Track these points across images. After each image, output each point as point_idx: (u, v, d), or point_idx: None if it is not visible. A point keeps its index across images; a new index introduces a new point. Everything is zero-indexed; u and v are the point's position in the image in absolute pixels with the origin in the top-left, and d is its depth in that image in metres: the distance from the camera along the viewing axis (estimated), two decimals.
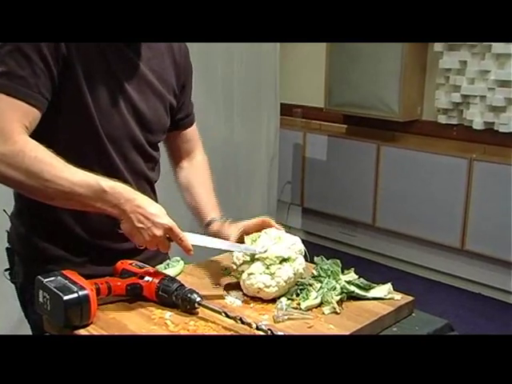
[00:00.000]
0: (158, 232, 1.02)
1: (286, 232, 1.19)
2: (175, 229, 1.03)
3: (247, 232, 1.16)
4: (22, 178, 0.95)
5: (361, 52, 3.35)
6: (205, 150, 1.42)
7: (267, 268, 1.09)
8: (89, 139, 1.10)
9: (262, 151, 3.31)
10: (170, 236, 1.04)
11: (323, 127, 3.90)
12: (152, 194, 1.26)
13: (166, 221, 1.02)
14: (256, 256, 1.10)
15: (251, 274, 1.09)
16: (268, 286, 1.08)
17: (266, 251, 1.10)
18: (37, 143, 0.98)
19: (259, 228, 1.17)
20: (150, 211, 1.01)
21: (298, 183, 3.94)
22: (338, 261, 1.18)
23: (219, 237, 1.18)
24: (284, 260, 1.11)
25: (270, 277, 1.08)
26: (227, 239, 1.16)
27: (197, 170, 1.36)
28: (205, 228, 1.25)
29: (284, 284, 1.09)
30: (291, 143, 3.92)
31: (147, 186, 1.24)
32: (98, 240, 1.18)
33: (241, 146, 3.09)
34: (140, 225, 1.01)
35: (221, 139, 2.93)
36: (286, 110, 3.77)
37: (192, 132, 1.37)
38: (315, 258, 1.21)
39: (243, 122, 3.10)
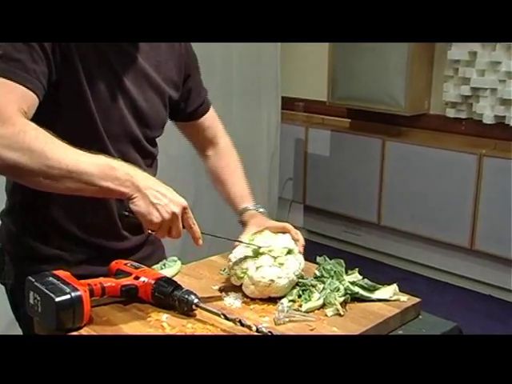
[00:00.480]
0: (176, 209, 0.99)
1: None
2: (189, 209, 1.02)
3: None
4: (23, 160, 0.91)
5: (366, 43, 3.35)
6: None
7: (275, 260, 1.11)
8: (88, 136, 1.09)
9: (262, 147, 3.31)
10: (182, 218, 1.01)
11: (326, 121, 3.90)
12: None
13: (181, 199, 1.01)
14: (261, 250, 1.12)
15: (260, 266, 1.10)
16: (280, 277, 1.09)
17: (269, 246, 1.12)
18: (36, 126, 0.95)
19: (279, 231, 1.20)
20: (164, 188, 1.01)
21: (300, 180, 3.95)
22: (342, 261, 1.19)
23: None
24: (289, 252, 1.13)
25: (280, 269, 1.10)
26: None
27: (223, 158, 1.38)
28: (239, 217, 1.29)
29: (293, 276, 1.11)
30: (293, 138, 3.92)
31: None
32: (93, 238, 1.18)
33: (240, 141, 3.07)
34: (157, 201, 0.98)
35: None
36: (288, 103, 3.77)
37: (210, 118, 1.38)
38: (318, 258, 1.21)
39: (242, 116, 3.09)
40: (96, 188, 0.97)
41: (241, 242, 1.16)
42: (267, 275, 1.09)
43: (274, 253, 1.11)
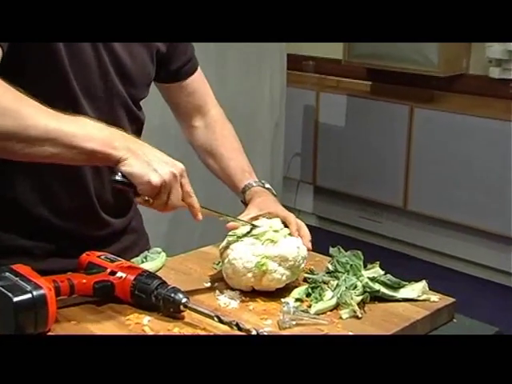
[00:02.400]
0: (176, 169, 1.01)
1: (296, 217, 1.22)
2: (186, 174, 1.04)
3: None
4: None
5: None
6: None
7: (271, 242, 1.12)
8: (59, 96, 1.09)
9: (263, 115, 3.30)
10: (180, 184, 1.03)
11: (342, 84, 3.89)
12: None
13: (179, 162, 1.03)
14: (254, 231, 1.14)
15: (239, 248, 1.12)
16: (267, 257, 1.11)
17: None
18: (3, 81, 0.96)
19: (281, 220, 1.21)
20: (156, 150, 1.02)
21: (310, 156, 3.95)
22: (360, 252, 1.19)
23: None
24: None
25: (267, 247, 1.12)
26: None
27: (216, 128, 1.38)
28: (242, 197, 1.30)
29: (291, 260, 1.12)
30: (301, 105, 3.91)
31: None
32: (66, 223, 1.18)
33: (236, 109, 3.08)
34: (153, 160, 1.00)
35: None
36: (295, 62, 3.75)
37: (197, 81, 1.38)
38: (330, 250, 1.21)
39: (240, 78, 3.08)
40: (78, 151, 0.97)
41: (239, 219, 1.18)
42: (246, 255, 1.10)
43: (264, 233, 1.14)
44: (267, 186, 1.31)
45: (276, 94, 3.36)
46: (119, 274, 1.07)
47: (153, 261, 1.24)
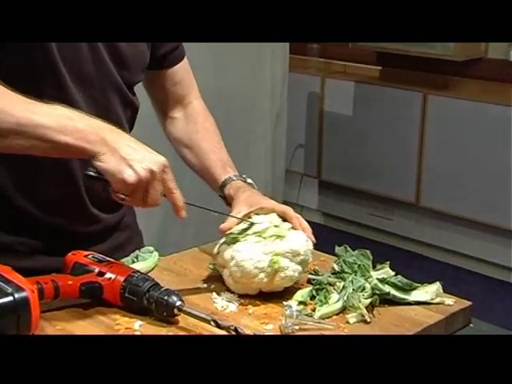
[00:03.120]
0: (154, 165, 1.02)
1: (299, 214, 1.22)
2: (169, 169, 1.04)
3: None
4: None
5: None
6: None
7: (278, 237, 1.13)
8: (45, 76, 1.10)
9: (263, 104, 3.30)
10: (161, 180, 1.04)
11: (349, 70, 3.88)
12: None
13: (160, 156, 1.04)
14: (253, 229, 1.14)
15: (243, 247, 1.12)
16: (278, 254, 1.11)
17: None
18: None
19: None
20: (137, 143, 1.03)
21: (314, 147, 3.95)
22: (368, 252, 1.19)
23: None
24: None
25: (276, 242, 1.13)
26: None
27: (197, 120, 1.39)
28: (220, 192, 1.30)
29: (302, 255, 1.13)
30: (304, 92, 3.90)
31: None
32: (52, 218, 1.19)
33: (234, 97, 3.08)
34: (130, 156, 1.00)
35: (207, 88, 2.90)
36: (298, 46, 3.74)
37: (183, 71, 1.39)
38: (337, 249, 1.22)
39: (238, 63, 3.08)
40: (52, 145, 0.98)
41: (235, 217, 1.18)
42: (256, 254, 1.10)
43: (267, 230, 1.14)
44: (249, 180, 1.31)
45: (277, 80, 3.36)
46: (108, 274, 1.07)
47: (144, 261, 1.24)
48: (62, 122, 0.99)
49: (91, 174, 1.02)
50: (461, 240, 3.52)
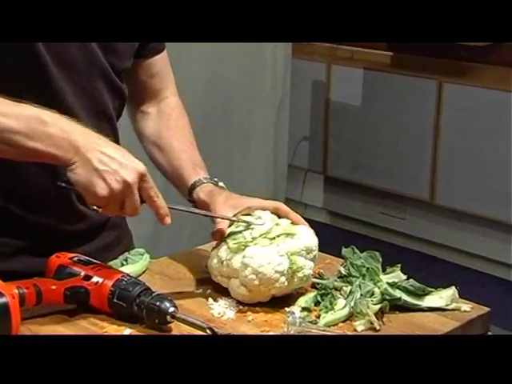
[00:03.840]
0: (130, 176, 1.02)
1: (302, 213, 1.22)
2: (149, 177, 1.05)
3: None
4: None
5: None
6: (179, 92, 1.44)
7: (287, 235, 1.14)
8: (24, 62, 1.11)
9: (264, 92, 3.29)
10: (140, 189, 1.05)
11: (357, 56, 3.88)
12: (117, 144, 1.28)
13: (138, 163, 1.05)
14: (255, 233, 1.14)
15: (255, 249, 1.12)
16: (295, 254, 1.12)
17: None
18: None
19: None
20: (114, 149, 1.04)
21: (319, 140, 3.95)
22: (378, 254, 1.19)
23: (206, 209, 1.22)
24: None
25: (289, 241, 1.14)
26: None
27: (171, 117, 1.38)
28: (188, 196, 1.29)
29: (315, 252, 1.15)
30: (309, 80, 3.90)
31: (111, 132, 1.25)
32: (36, 215, 1.19)
33: (233, 86, 3.08)
34: (103, 167, 1.01)
35: (203, 76, 2.91)
36: None
37: (162, 63, 1.39)
38: (343, 250, 1.22)
39: (236, 48, 3.08)
40: (20, 150, 1.00)
41: (229, 219, 1.18)
42: (273, 258, 1.10)
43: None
44: (221, 184, 1.29)
45: (279, 67, 3.35)
46: (95, 278, 1.08)
47: (134, 263, 1.24)
48: (32, 126, 1.00)
49: (63, 185, 1.04)
50: (479, 241, 3.52)
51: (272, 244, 1.13)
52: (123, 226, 1.38)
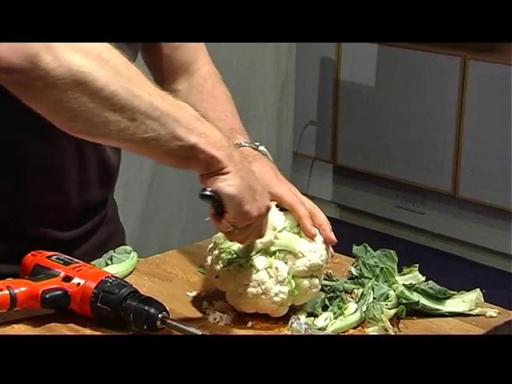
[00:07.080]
0: (268, 203, 1.07)
1: None
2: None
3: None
4: (102, 79, 0.93)
5: None
6: None
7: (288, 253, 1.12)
8: None
9: (266, 71, 3.29)
10: None
11: None
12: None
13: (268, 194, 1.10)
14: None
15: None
16: (313, 252, 1.11)
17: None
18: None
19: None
20: (254, 172, 1.08)
21: (328, 125, 3.95)
22: (393, 252, 1.20)
23: None
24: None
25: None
26: None
27: (203, 88, 1.37)
28: None
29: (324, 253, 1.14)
30: (316, 58, 3.90)
31: None
32: (32, 227, 1.20)
33: (231, 64, 3.08)
34: (256, 187, 1.04)
35: None
36: None
37: None
38: (354, 248, 1.22)
39: None
40: (177, 143, 0.97)
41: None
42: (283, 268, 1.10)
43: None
44: (261, 148, 1.29)
45: (283, 44, 3.35)
46: (76, 279, 1.08)
47: (120, 263, 1.24)
48: (194, 123, 0.99)
49: (207, 193, 1.02)
50: (507, 239, 3.52)
51: (271, 265, 1.11)
52: (116, 221, 1.39)
